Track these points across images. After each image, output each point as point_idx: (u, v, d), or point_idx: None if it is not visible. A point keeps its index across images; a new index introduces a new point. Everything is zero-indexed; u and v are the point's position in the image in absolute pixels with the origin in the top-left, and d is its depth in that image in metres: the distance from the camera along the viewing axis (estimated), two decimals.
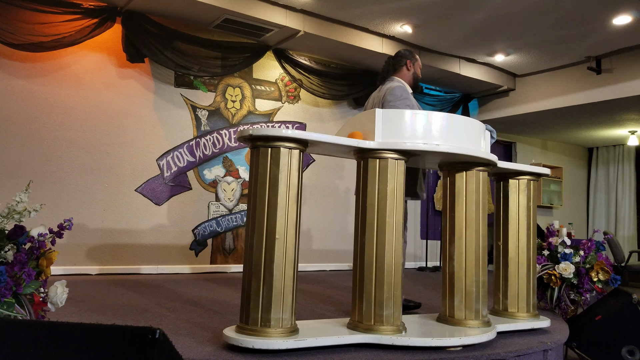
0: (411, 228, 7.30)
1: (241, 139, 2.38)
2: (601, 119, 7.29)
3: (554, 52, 6.17)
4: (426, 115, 2.60)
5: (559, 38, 5.69)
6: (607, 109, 6.66)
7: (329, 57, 6.32)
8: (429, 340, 2.39)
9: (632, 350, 3.02)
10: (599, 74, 6.16)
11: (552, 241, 3.57)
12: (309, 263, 6.23)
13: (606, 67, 6.12)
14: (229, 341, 2.20)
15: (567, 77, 6.58)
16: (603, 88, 6.16)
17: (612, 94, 6.08)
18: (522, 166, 3.17)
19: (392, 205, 2.49)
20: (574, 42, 5.77)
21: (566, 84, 6.58)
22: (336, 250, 6.43)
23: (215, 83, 5.76)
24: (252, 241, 2.27)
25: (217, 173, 5.72)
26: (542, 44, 5.92)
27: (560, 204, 8.92)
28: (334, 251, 6.43)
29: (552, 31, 5.50)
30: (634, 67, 5.89)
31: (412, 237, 7.31)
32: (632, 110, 6.70)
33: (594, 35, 5.56)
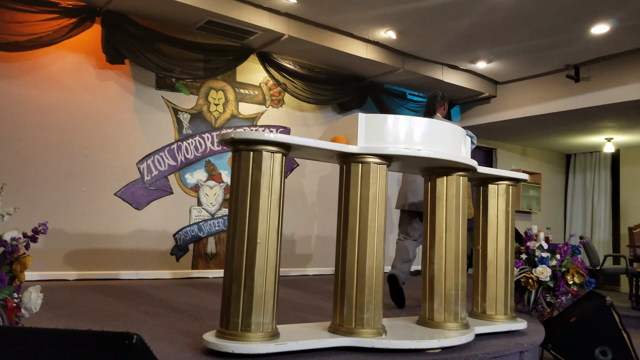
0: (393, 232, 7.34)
1: (223, 142, 2.37)
2: (579, 126, 7.42)
3: (534, 60, 6.27)
4: (408, 121, 2.63)
5: (539, 46, 5.79)
6: (585, 117, 6.78)
7: (314, 61, 6.34)
8: (408, 342, 2.41)
9: (605, 351, 3.08)
10: (577, 82, 6.28)
11: (529, 245, 3.63)
12: (292, 268, 6.22)
13: (584, 75, 6.25)
14: (208, 346, 2.19)
15: (547, 84, 6.69)
16: (581, 96, 6.28)
17: (590, 101, 6.20)
18: (501, 171, 3.22)
19: (374, 209, 2.51)
20: (553, 50, 5.88)
21: (545, 92, 6.69)
22: (319, 254, 6.44)
23: (198, 86, 5.73)
24: (233, 246, 2.27)
25: (199, 177, 5.68)
26: (522, 51, 6.01)
27: (538, 209, 9.05)
28: (317, 256, 6.43)
29: (533, 39, 5.60)
30: (610, 75, 6.02)
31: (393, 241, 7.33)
32: (609, 118, 6.84)
33: (573, 44, 5.67)
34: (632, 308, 6.16)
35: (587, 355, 3.10)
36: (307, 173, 6.45)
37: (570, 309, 3.45)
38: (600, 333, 3.12)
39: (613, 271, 6.87)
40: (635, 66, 5.79)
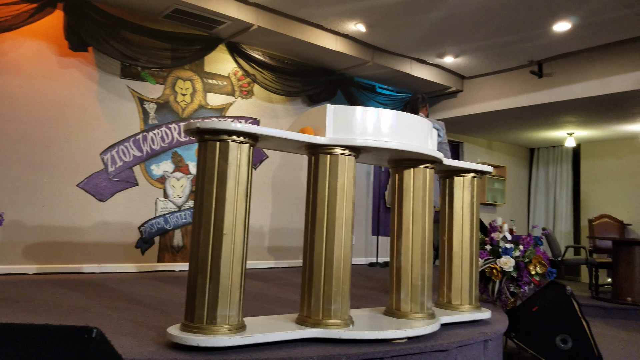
0: (362, 224, 7.39)
1: (188, 132, 2.33)
2: (542, 120, 7.60)
3: (499, 56, 6.38)
4: (376, 113, 2.63)
5: (503, 42, 5.89)
6: (548, 112, 6.95)
7: (284, 52, 6.30)
8: (375, 333, 2.42)
9: (565, 339, 3.17)
10: (541, 77, 6.42)
11: (494, 236, 3.71)
12: (262, 260, 6.19)
13: (547, 71, 6.39)
14: (173, 339, 2.15)
15: (511, 80, 6.82)
16: (544, 91, 6.43)
17: (552, 97, 6.36)
18: (466, 164, 3.26)
19: (342, 200, 2.51)
20: (517, 46, 5.99)
21: (510, 87, 6.82)
22: (289, 247, 6.42)
23: (165, 75, 5.62)
24: (198, 237, 2.23)
25: (165, 168, 5.58)
26: (488, 47, 6.11)
27: (503, 202, 9.25)
28: (287, 248, 6.42)
29: (498, 35, 5.69)
30: (572, 71, 6.18)
31: (363, 233, 7.40)
32: (570, 113, 7.03)
33: (537, 41, 5.79)
34: (592, 297, 6.36)
35: (548, 343, 3.18)
36: (277, 165, 6.41)
37: (532, 298, 3.54)
38: (561, 322, 3.21)
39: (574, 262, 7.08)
40: (595, 63, 5.96)
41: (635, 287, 5.93)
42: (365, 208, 7.45)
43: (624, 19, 5.03)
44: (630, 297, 5.92)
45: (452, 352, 2.62)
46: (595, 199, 9.04)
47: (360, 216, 7.36)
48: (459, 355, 2.66)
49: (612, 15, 4.97)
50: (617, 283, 6.10)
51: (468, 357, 2.73)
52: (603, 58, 5.90)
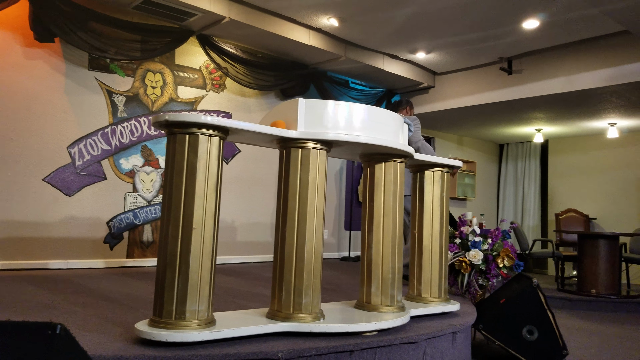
0: (335, 219, 7.42)
1: (157, 125, 2.29)
2: (511, 117, 7.74)
3: (470, 52, 6.46)
4: (348, 107, 2.64)
5: (474, 39, 5.97)
6: (517, 108, 7.08)
7: (256, 46, 6.25)
8: (345, 326, 2.44)
9: (532, 330, 3.25)
10: (510, 74, 6.54)
11: (463, 230, 3.76)
12: (234, 255, 6.15)
13: (516, 68, 6.50)
14: (141, 335, 2.12)
15: (482, 76, 6.92)
16: (513, 88, 6.55)
17: (521, 93, 6.48)
18: (436, 158, 3.30)
19: (314, 194, 2.51)
20: (488, 43, 6.08)
21: (480, 83, 6.92)
22: (261, 242, 6.40)
23: (134, 67, 5.51)
24: (167, 231, 2.20)
25: (134, 162, 5.49)
26: (459, 43, 6.18)
27: (473, 196, 9.40)
28: (259, 243, 6.39)
29: (468, 32, 5.76)
30: (540, 68, 6.30)
31: (336, 228, 7.43)
32: (539, 109, 7.17)
33: (506, 38, 5.88)
34: (558, 290, 6.52)
35: (515, 335, 3.25)
36: (250, 159, 6.37)
37: (500, 290, 3.61)
38: (527, 313, 3.28)
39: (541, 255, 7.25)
40: (562, 60, 6.09)
41: (599, 279, 6.10)
42: (337, 203, 7.47)
43: (590, 18, 5.15)
44: (594, 289, 6.10)
45: (421, 344, 2.65)
46: (561, 193, 9.27)
47: (332, 211, 7.38)
48: (428, 347, 2.70)
49: (579, 14, 5.08)
50: (582, 275, 6.27)
51: (437, 349, 2.77)
52: (570, 55, 6.04)
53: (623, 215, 8.30)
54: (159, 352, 2.02)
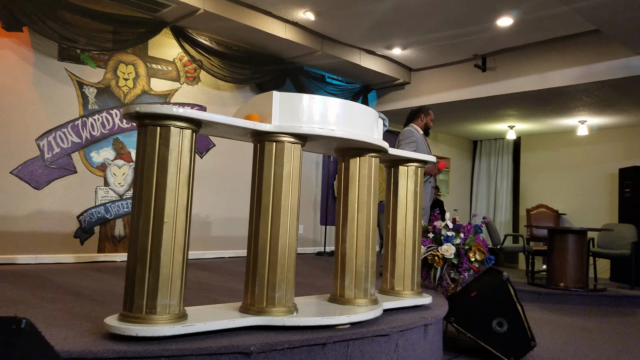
0: (311, 214, 7.42)
1: (127, 117, 2.25)
2: (485, 113, 7.84)
3: (445, 49, 6.52)
4: (323, 101, 2.63)
5: (449, 36, 6.02)
6: (490, 105, 7.17)
7: (232, 39, 6.19)
8: (318, 319, 2.44)
9: (501, 322, 3.30)
10: (484, 71, 6.62)
11: (436, 224, 3.80)
12: (208, 250, 6.10)
13: (490, 65, 6.59)
14: (110, 330, 2.09)
15: (456, 73, 6.99)
16: (487, 85, 6.63)
17: (495, 90, 6.56)
18: (410, 154, 3.33)
19: (288, 188, 2.50)
20: (462, 40, 6.14)
21: (455, 80, 6.99)
22: (236, 236, 6.36)
23: (106, 59, 5.40)
24: (137, 225, 2.17)
25: (106, 156, 5.39)
26: (434, 40, 6.23)
27: (447, 192, 9.52)
28: (234, 238, 6.35)
29: (444, 29, 5.81)
30: (514, 66, 6.40)
31: (311, 223, 7.43)
32: (512, 107, 7.29)
33: (481, 35, 5.95)
34: (528, 283, 6.65)
35: (485, 327, 3.31)
36: (225, 153, 6.32)
37: (471, 284, 3.66)
38: (498, 306, 3.34)
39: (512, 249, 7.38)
40: (535, 58, 6.19)
41: (568, 273, 6.24)
42: (313, 198, 7.48)
43: (562, 16, 5.24)
44: (563, 283, 6.23)
45: (393, 337, 2.68)
46: (533, 189, 9.44)
47: (308, 206, 7.38)
48: (400, 339, 2.72)
49: (551, 12, 5.17)
50: (552, 269, 6.41)
51: (409, 341, 2.80)
52: (542, 54, 6.14)
53: (591, 211, 8.51)
54: (128, 346, 1.99)
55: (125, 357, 1.96)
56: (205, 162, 6.13)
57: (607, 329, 4.68)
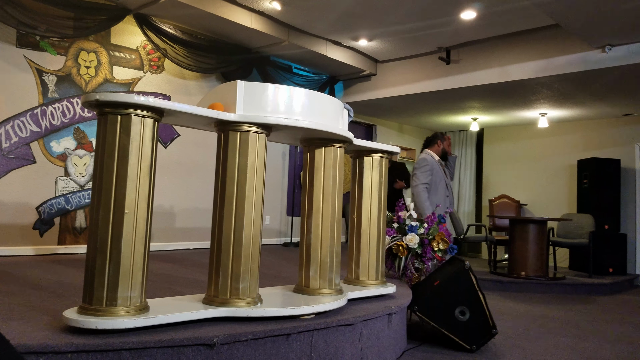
0: (277, 205, 7.40)
1: (87, 105, 2.19)
2: (449, 105, 7.96)
3: (410, 41, 6.57)
4: (288, 91, 2.63)
5: (414, 28, 6.07)
6: (454, 97, 7.28)
7: (197, 27, 6.08)
8: (282, 310, 2.45)
9: (464, 311, 3.38)
10: (448, 64, 6.70)
11: (401, 215, 3.85)
12: (172, 242, 6.02)
13: (454, 58, 6.68)
14: (69, 323, 2.04)
15: (422, 65, 7.06)
16: (451, 77, 6.72)
17: (459, 83, 6.66)
18: (375, 144, 3.35)
19: (253, 178, 2.49)
20: (428, 32, 6.19)
21: (420, 72, 7.06)
22: (201, 228, 6.29)
23: (67, 46, 5.24)
24: (97, 216, 2.12)
25: (66, 145, 5.24)
26: (400, 32, 6.26)
27: None
28: (199, 229, 6.28)
29: (409, 21, 5.85)
30: (477, 59, 6.50)
31: (278, 214, 7.41)
32: (475, 99, 7.41)
33: (445, 28, 6.02)
34: (490, 272, 6.83)
35: (448, 315, 3.38)
36: (189, 144, 6.23)
37: (434, 273, 3.73)
38: (460, 295, 3.41)
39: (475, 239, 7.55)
40: (497, 52, 6.31)
41: (529, 262, 6.43)
42: (280, 188, 7.46)
43: (523, 10, 5.34)
44: (524, 272, 6.42)
45: (358, 326, 2.71)
46: (495, 180, 9.66)
47: (275, 196, 7.36)
48: (364, 328, 2.76)
49: (513, 6, 5.26)
50: (513, 258, 6.59)
51: (373, 330, 2.84)
52: (504, 47, 6.26)
53: (551, 201, 8.76)
54: (88, 340, 1.96)
55: (84, 350, 1.93)
56: (170, 153, 6.04)
57: (566, 316, 4.86)
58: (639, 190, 7.86)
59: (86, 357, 1.93)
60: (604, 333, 4.22)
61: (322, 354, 2.51)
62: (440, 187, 4.93)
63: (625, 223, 7.84)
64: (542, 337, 3.97)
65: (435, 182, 4.94)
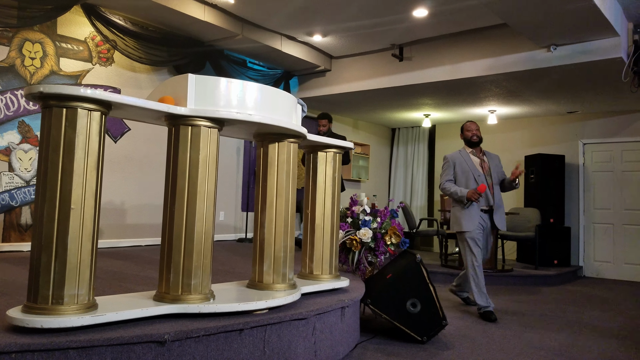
0: (232, 200, 7.34)
1: (30, 97, 2.12)
2: (402, 102, 8.09)
3: (364, 37, 6.63)
4: (241, 85, 2.61)
5: (368, 25, 6.13)
6: (407, 94, 7.41)
7: (148, 19, 5.93)
8: (235, 305, 2.44)
9: (415, 303, 3.47)
10: (401, 61, 6.81)
11: (354, 209, 3.90)
12: (123, 238, 5.88)
13: (407, 55, 6.79)
14: (13, 322, 1.98)
15: (375, 62, 7.14)
16: (404, 74, 6.84)
17: (411, 79, 6.78)
18: (329, 140, 3.38)
19: (205, 173, 2.46)
20: (381, 29, 6.27)
21: (374, 69, 7.14)
22: (152, 224, 6.17)
23: (10, 36, 5.01)
24: (42, 212, 2.05)
25: (10, 139, 5.02)
26: (354, 28, 6.32)
27: (367, 178, 9.76)
28: (150, 225, 6.16)
29: (363, 18, 5.90)
30: (428, 56, 6.64)
31: (232, 209, 7.35)
32: (427, 96, 7.57)
33: (398, 25, 6.11)
34: (442, 265, 7.00)
35: (399, 308, 3.45)
36: (140, 138, 6.08)
37: (387, 267, 3.80)
38: (411, 287, 3.50)
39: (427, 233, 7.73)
40: (448, 49, 6.46)
41: None
42: (235, 184, 7.40)
43: (473, 9, 5.49)
44: None
45: (311, 320, 2.73)
46: None
47: (230, 192, 7.30)
48: (318, 322, 2.79)
49: (463, 5, 5.40)
50: None
51: (326, 324, 2.87)
52: (455, 45, 6.41)
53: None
54: (33, 339, 1.90)
55: (29, 350, 1.87)
56: (120, 147, 5.88)
57: (514, 307, 5.05)
58: (582, 184, 8.24)
59: (31, 357, 1.87)
60: (549, 322, 4.42)
61: (275, 348, 2.53)
62: (469, 179, 4.53)
63: (569, 216, 8.20)
64: (490, 327, 4.11)
65: (461, 174, 4.59)
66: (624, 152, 7.95)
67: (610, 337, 3.96)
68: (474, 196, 4.33)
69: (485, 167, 4.68)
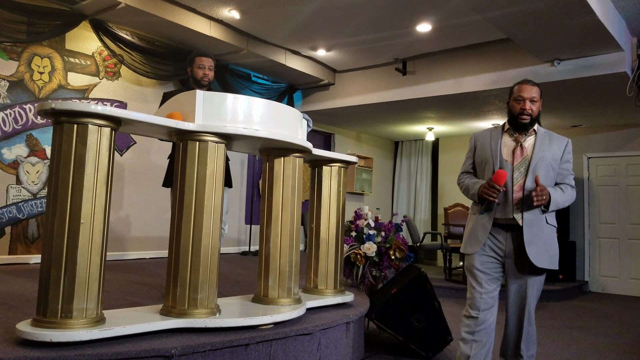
0: (236, 213, 7.36)
1: (42, 113, 2.15)
2: (405, 115, 8.13)
3: (367, 52, 6.70)
4: (248, 101, 2.65)
5: (372, 39, 6.20)
6: (410, 107, 7.45)
7: (154, 34, 6.01)
8: (241, 320, 2.45)
9: (420, 318, 3.47)
10: (405, 75, 6.87)
11: (359, 223, 3.92)
12: (128, 251, 5.90)
13: (410, 69, 6.85)
14: (22, 336, 1.99)
15: (379, 76, 7.20)
16: (407, 88, 6.89)
17: (414, 93, 6.83)
18: (334, 154, 3.41)
19: (212, 188, 2.49)
20: (384, 44, 6.33)
21: (377, 82, 7.20)
22: (157, 237, 6.19)
23: (19, 51, 5.08)
24: (52, 226, 2.08)
25: (18, 152, 5.07)
26: (357, 43, 6.38)
27: (370, 191, 9.77)
28: (155, 238, 6.18)
29: (366, 32, 5.97)
30: (432, 70, 6.69)
31: (236, 222, 7.37)
32: (430, 109, 7.61)
33: (401, 39, 6.17)
34: (446, 279, 6.99)
35: (404, 323, 3.46)
36: (146, 151, 6.13)
37: (391, 281, 3.81)
38: (416, 302, 3.50)
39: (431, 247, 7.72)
40: (451, 64, 6.51)
41: None
42: (238, 197, 7.43)
43: (476, 24, 5.54)
44: None
45: (316, 335, 2.74)
46: (450, 189, 9.90)
47: (233, 205, 7.32)
48: (323, 337, 2.79)
49: (466, 20, 5.45)
50: None
51: (331, 339, 2.88)
52: (458, 59, 6.46)
53: None
54: (42, 353, 1.92)
55: None
56: (125, 160, 5.93)
57: None
58: (587, 199, 8.23)
59: None
60: (554, 338, 4.40)
61: None
62: (488, 172, 2.86)
63: (574, 231, 8.18)
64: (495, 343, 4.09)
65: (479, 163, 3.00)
66: (628, 166, 7.95)
67: (618, 354, 3.94)
68: (485, 192, 2.72)
69: (522, 155, 2.86)
